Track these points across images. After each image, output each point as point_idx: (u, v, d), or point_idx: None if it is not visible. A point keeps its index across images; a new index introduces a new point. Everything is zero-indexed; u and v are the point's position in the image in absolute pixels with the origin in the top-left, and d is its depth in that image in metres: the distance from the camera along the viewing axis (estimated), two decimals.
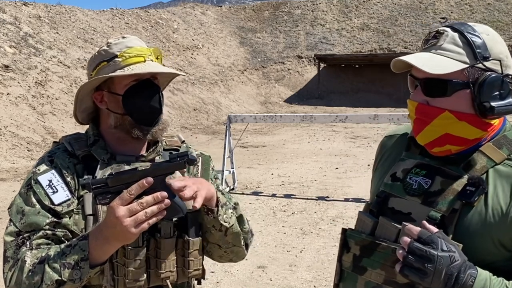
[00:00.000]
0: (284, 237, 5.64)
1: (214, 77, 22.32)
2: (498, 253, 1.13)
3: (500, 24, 25.91)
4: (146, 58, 1.45)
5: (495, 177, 1.14)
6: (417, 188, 1.20)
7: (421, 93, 1.19)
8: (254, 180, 8.84)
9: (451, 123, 1.16)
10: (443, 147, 1.19)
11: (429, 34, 1.23)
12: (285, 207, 6.97)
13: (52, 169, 1.40)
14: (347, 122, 7.85)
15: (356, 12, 29.04)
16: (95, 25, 19.87)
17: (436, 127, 1.17)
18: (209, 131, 15.99)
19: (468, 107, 1.15)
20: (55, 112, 13.07)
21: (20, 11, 17.08)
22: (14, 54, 14.28)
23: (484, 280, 1.05)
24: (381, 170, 1.36)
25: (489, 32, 1.18)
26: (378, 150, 1.45)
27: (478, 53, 1.14)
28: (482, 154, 1.17)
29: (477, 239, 1.12)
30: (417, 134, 1.22)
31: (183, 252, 1.41)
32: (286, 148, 12.49)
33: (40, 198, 1.37)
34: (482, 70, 1.14)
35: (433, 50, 1.18)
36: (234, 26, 28.64)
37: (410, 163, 1.26)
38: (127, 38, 1.50)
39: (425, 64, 1.13)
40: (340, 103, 22.49)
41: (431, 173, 1.20)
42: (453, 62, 1.14)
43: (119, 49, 1.45)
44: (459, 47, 1.15)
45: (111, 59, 1.45)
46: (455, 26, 1.19)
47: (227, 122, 8.21)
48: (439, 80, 1.15)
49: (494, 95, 1.13)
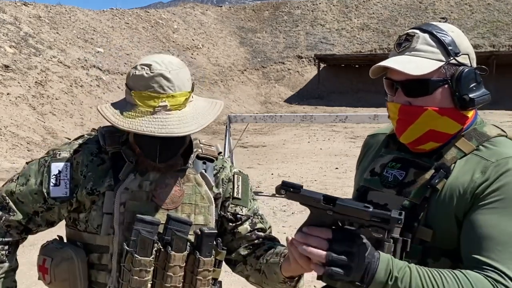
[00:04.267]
0: (284, 237, 5.63)
1: (214, 77, 22.32)
2: (458, 236, 1.18)
3: (500, 24, 25.91)
4: (157, 106, 1.34)
5: (460, 166, 1.21)
6: (393, 180, 1.27)
7: (402, 95, 1.24)
8: (254, 180, 8.84)
9: (434, 119, 1.22)
10: (426, 144, 1.25)
11: (400, 38, 1.28)
12: (285, 207, 6.97)
13: (69, 162, 1.43)
14: (347, 122, 7.85)
15: (356, 12, 29.03)
16: (95, 25, 19.86)
17: (420, 125, 1.23)
18: (209, 131, 15.98)
19: (449, 102, 1.22)
20: (55, 112, 13.07)
21: (20, 11, 17.08)
22: (14, 54, 14.28)
23: (387, 259, 1.08)
24: (363, 166, 1.43)
25: (454, 29, 1.26)
26: (361, 148, 1.52)
27: (450, 50, 1.21)
28: (454, 146, 1.24)
29: (443, 223, 1.18)
30: (401, 134, 1.27)
31: (192, 269, 1.40)
32: (286, 148, 12.49)
33: (43, 181, 1.42)
34: (455, 66, 1.22)
35: (407, 53, 1.23)
36: (234, 26, 28.64)
37: (387, 158, 1.33)
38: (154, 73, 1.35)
39: (406, 67, 1.19)
40: (340, 103, 22.48)
41: (406, 166, 1.27)
42: (430, 62, 1.20)
43: (138, 84, 1.36)
44: (432, 46, 1.22)
45: (129, 89, 1.39)
46: (423, 27, 1.26)
47: (227, 122, 8.21)
48: (419, 81, 1.20)
49: (471, 87, 1.21)
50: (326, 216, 1.10)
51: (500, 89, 22.18)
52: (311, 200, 1.13)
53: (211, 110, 1.44)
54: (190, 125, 1.35)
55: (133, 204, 1.39)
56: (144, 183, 1.42)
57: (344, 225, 1.09)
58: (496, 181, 1.15)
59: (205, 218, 1.47)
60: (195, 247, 1.40)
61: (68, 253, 1.41)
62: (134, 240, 1.33)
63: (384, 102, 1.34)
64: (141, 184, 1.42)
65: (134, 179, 1.41)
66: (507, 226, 1.12)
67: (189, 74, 1.43)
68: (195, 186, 1.48)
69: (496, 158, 1.18)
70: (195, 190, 1.47)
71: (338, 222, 1.10)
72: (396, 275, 1.07)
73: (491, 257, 1.10)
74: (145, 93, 1.34)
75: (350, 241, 1.06)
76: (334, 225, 1.09)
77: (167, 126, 1.33)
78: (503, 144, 1.22)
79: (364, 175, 1.36)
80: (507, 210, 1.13)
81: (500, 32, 25.49)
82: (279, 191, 1.16)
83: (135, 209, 1.39)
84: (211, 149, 1.57)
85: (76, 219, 1.46)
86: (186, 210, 1.45)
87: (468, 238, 1.16)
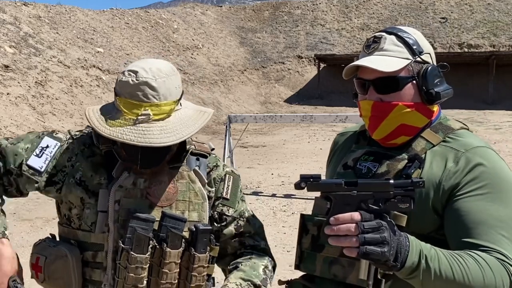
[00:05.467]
0: (284, 237, 5.64)
1: (214, 77, 22.31)
2: (433, 222, 1.26)
3: (500, 24, 25.90)
4: (140, 114, 1.34)
5: (431, 156, 1.30)
6: (366, 172, 1.35)
7: (374, 92, 1.33)
8: (254, 180, 8.84)
9: (405, 113, 1.31)
10: (398, 138, 1.34)
11: (368, 40, 1.37)
12: (285, 207, 6.97)
13: (60, 142, 1.47)
14: (347, 122, 7.84)
15: (356, 12, 29.03)
16: (95, 25, 19.86)
17: (392, 119, 1.31)
18: (209, 131, 15.98)
19: (417, 97, 1.32)
20: (55, 112, 13.06)
21: (20, 11, 17.07)
22: (14, 54, 14.28)
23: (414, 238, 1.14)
24: (335, 162, 1.50)
25: (415, 31, 1.38)
26: (331, 146, 1.60)
27: (415, 49, 1.32)
28: (422, 138, 1.34)
29: (418, 210, 1.23)
30: (374, 131, 1.36)
31: (187, 265, 1.41)
32: (286, 148, 12.48)
33: (28, 148, 1.45)
34: (420, 63, 1.33)
35: (376, 53, 1.33)
36: (234, 26, 28.63)
37: (359, 153, 1.41)
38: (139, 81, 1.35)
39: (379, 65, 1.28)
40: (340, 103, 22.46)
41: (378, 158, 1.35)
42: (399, 60, 1.31)
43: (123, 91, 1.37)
44: (399, 46, 1.32)
45: (116, 94, 1.40)
46: (388, 30, 1.37)
47: (227, 122, 8.21)
48: (389, 78, 1.30)
49: (435, 83, 1.32)
50: (351, 198, 1.13)
51: (500, 89, 22.16)
52: (332, 187, 1.15)
53: (197, 121, 1.43)
54: (170, 136, 1.35)
55: (127, 202, 1.40)
56: (138, 181, 1.43)
57: (369, 205, 1.12)
58: (472, 170, 1.24)
59: (199, 215, 1.48)
60: (190, 243, 1.41)
61: (62, 251, 1.41)
62: (129, 237, 1.34)
63: None
64: (135, 182, 1.43)
65: (128, 177, 1.42)
66: (493, 210, 1.20)
67: (178, 81, 1.41)
68: (189, 183, 1.49)
69: (465, 148, 1.28)
70: (189, 187, 1.48)
71: (362, 204, 1.12)
72: (426, 253, 1.12)
73: (487, 240, 1.18)
74: (129, 101, 1.34)
75: (379, 218, 1.10)
76: (359, 208, 1.12)
77: (147, 136, 1.32)
78: (467, 135, 1.33)
79: (337, 169, 1.43)
80: (489, 195, 1.22)
81: (500, 32, 25.48)
82: (299, 185, 1.18)
83: (130, 207, 1.39)
84: (204, 145, 1.58)
85: (69, 216, 1.47)
86: (180, 207, 1.46)
87: (456, 225, 1.23)
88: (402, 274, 1.12)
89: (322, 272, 1.29)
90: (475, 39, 25.35)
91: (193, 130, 1.39)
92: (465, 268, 1.13)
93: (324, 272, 1.28)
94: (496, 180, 1.23)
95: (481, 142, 1.31)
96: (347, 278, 1.24)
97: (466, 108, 17.57)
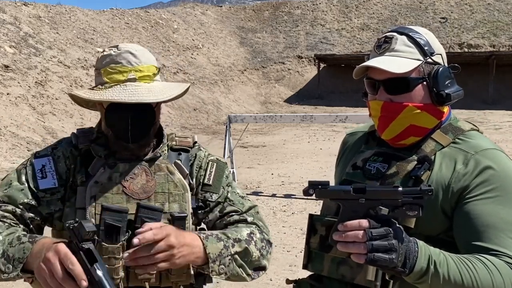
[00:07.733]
0: (284, 237, 5.64)
1: (214, 77, 22.31)
2: (441, 223, 1.26)
3: (500, 24, 25.90)
4: (126, 77, 1.42)
5: (441, 157, 1.29)
6: (375, 172, 1.34)
7: (384, 93, 1.32)
8: (254, 180, 8.84)
9: (415, 114, 1.30)
10: (407, 139, 1.33)
11: (379, 40, 1.37)
12: (285, 207, 6.97)
13: (50, 156, 1.47)
14: (347, 122, 7.84)
15: (356, 12, 29.03)
16: (95, 25, 19.86)
17: (402, 120, 1.31)
18: (209, 131, 15.98)
19: (427, 98, 1.31)
20: (55, 112, 13.06)
21: (20, 11, 17.07)
22: (14, 54, 14.28)
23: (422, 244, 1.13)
24: (344, 163, 1.50)
25: (427, 32, 1.36)
26: (340, 146, 1.60)
27: (426, 50, 1.32)
28: (432, 139, 1.33)
29: (428, 212, 1.21)
30: (383, 131, 1.35)
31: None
32: (286, 148, 12.48)
33: (29, 179, 1.44)
34: (431, 64, 1.32)
35: (387, 53, 1.32)
36: (234, 26, 28.64)
37: (368, 153, 1.40)
38: (121, 50, 1.45)
39: (389, 66, 1.27)
40: (340, 103, 22.46)
41: (388, 159, 1.35)
42: (410, 61, 1.30)
43: (106, 62, 1.44)
44: (410, 47, 1.32)
45: (99, 69, 1.46)
46: (399, 30, 1.36)
47: (227, 122, 8.21)
48: (400, 79, 1.29)
49: (446, 84, 1.31)
50: (359, 206, 1.13)
51: (500, 89, 22.18)
52: (341, 194, 1.15)
53: (179, 86, 1.51)
54: (158, 95, 1.42)
55: (103, 197, 1.42)
56: (114, 175, 1.44)
57: (377, 213, 1.12)
58: (482, 173, 1.23)
59: (180, 206, 1.47)
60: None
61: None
62: (102, 229, 1.35)
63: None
64: (110, 176, 1.44)
65: (103, 172, 1.44)
66: (503, 213, 1.20)
67: (154, 58, 1.51)
68: (167, 174, 1.49)
69: (474, 150, 1.26)
70: (168, 178, 1.48)
71: (370, 211, 1.12)
72: (435, 259, 1.12)
73: (497, 243, 1.17)
74: (113, 68, 1.41)
75: (387, 225, 1.09)
76: (367, 215, 1.12)
77: (137, 95, 1.38)
78: (477, 137, 1.32)
79: (347, 169, 1.43)
80: (499, 198, 1.21)
81: (500, 32, 25.48)
82: (308, 191, 1.18)
83: (106, 201, 1.41)
84: (187, 140, 1.59)
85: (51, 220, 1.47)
86: (159, 199, 1.46)
87: (465, 228, 1.22)
88: (411, 279, 1.12)
89: (330, 272, 1.29)
90: (475, 39, 25.35)
91: (178, 91, 1.47)
92: (474, 272, 1.13)
93: (332, 272, 1.29)
94: (505, 183, 1.22)
95: (491, 144, 1.30)
96: (355, 279, 1.24)
97: (466, 108, 17.55)
